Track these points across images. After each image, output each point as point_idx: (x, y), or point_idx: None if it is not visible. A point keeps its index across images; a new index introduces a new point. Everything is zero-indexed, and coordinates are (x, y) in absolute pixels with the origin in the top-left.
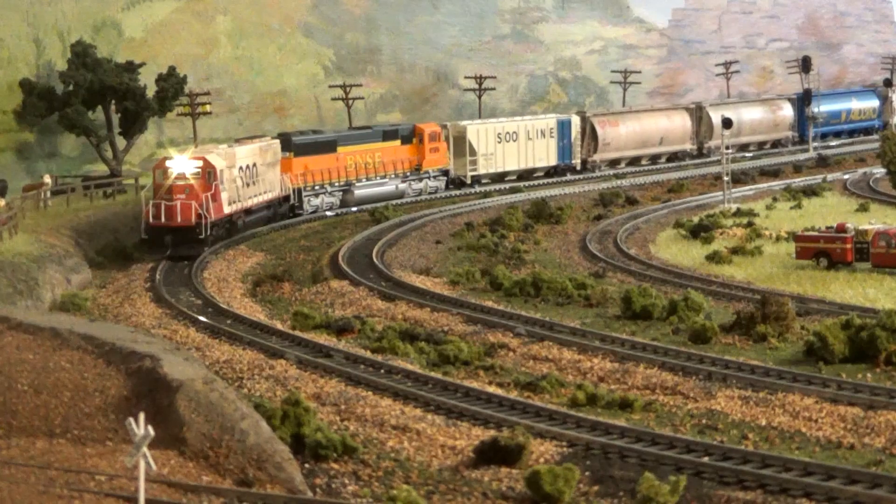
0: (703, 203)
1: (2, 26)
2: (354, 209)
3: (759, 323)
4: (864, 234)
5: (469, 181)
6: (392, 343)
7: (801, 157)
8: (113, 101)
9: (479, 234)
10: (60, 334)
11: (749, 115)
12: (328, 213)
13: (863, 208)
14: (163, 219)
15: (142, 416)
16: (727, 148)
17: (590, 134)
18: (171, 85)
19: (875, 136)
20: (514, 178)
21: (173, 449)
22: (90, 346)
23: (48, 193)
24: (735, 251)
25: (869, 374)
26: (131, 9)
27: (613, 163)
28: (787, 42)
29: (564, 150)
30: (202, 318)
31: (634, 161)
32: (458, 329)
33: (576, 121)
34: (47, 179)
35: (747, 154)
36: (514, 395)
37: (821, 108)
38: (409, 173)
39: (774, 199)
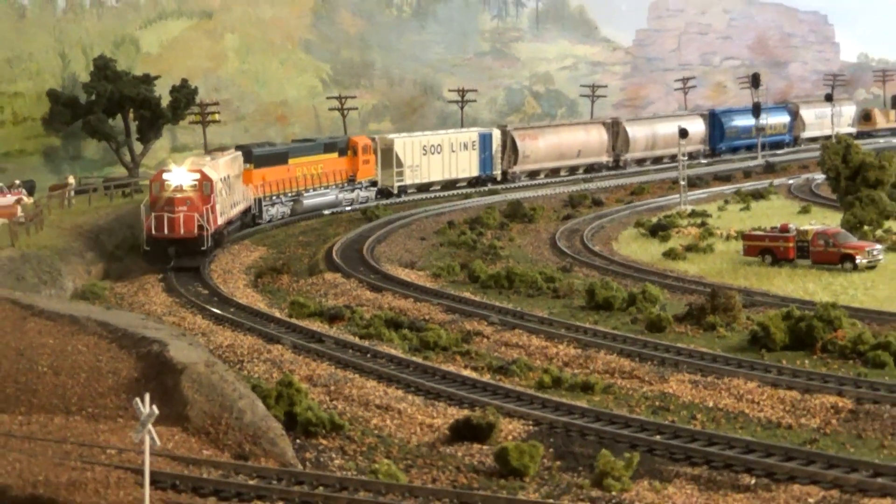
0: (662, 205)
1: (31, 42)
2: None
3: (709, 314)
4: (805, 234)
5: (396, 191)
6: (378, 330)
7: (751, 163)
8: (131, 110)
9: (459, 232)
10: (78, 321)
11: (663, 129)
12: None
13: (805, 210)
14: (165, 231)
15: (147, 396)
16: (684, 156)
17: (510, 147)
18: (184, 95)
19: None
20: (438, 188)
21: (178, 426)
22: (105, 332)
23: (72, 193)
24: (689, 248)
25: (807, 361)
26: (148, 27)
27: (533, 174)
28: (739, 60)
29: (486, 161)
30: (214, 310)
31: (553, 172)
32: (438, 318)
33: (497, 134)
34: (71, 180)
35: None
36: (486, 378)
37: (732, 123)
38: (345, 184)
39: (726, 202)
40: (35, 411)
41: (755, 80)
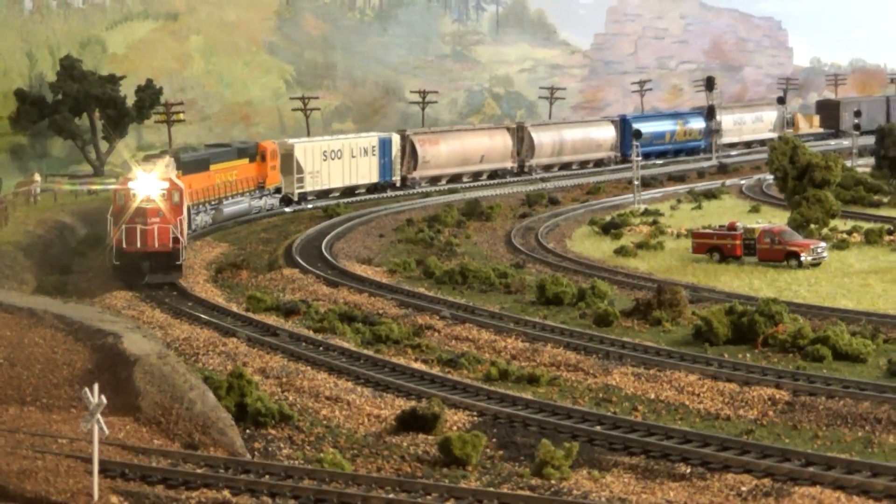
0: (617, 204)
1: (0, 43)
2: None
3: (656, 309)
4: (752, 232)
5: (296, 198)
6: (332, 324)
7: (705, 164)
8: (97, 109)
9: (418, 229)
10: (36, 314)
11: (571, 135)
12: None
13: (755, 209)
14: (138, 244)
15: (96, 387)
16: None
17: (410, 152)
18: (149, 95)
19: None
20: (338, 194)
21: (129, 416)
22: (62, 325)
23: (38, 189)
24: (640, 246)
25: (748, 355)
26: (114, 28)
27: (434, 180)
28: (694, 64)
29: (385, 167)
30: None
31: (455, 178)
32: (392, 312)
33: (396, 139)
34: (37, 177)
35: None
36: (436, 370)
37: (644, 129)
38: (255, 190)
39: (678, 201)
40: None
41: (710, 84)
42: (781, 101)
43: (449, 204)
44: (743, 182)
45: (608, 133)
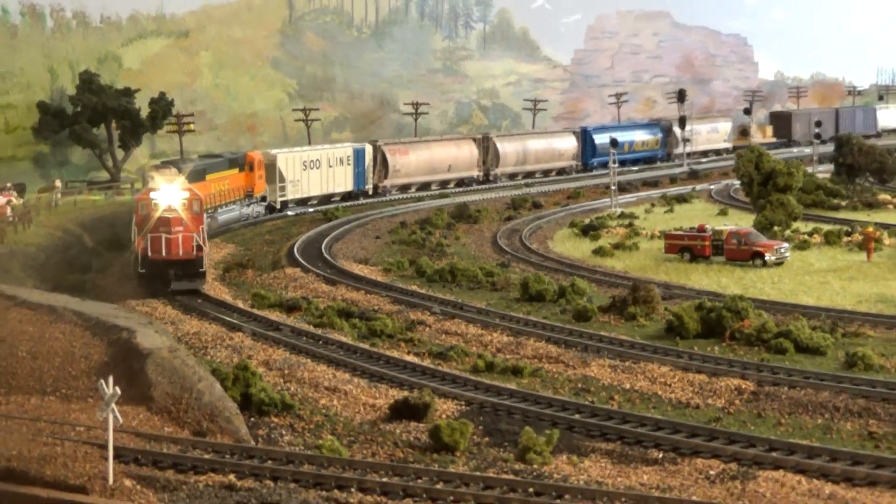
0: (595, 207)
1: (22, 58)
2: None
3: (631, 305)
4: (720, 234)
5: (279, 206)
6: (331, 319)
7: (677, 170)
8: (113, 120)
9: (411, 231)
10: (56, 310)
11: (535, 146)
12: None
13: (723, 213)
14: (163, 252)
15: (111, 378)
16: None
17: (381, 161)
18: (162, 107)
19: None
20: (316, 202)
21: (142, 405)
22: (80, 321)
23: (59, 194)
24: (617, 246)
25: (716, 348)
26: (129, 45)
27: (404, 188)
28: (667, 77)
29: (359, 176)
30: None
31: (424, 186)
32: (387, 308)
33: (369, 149)
34: (58, 183)
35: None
36: (427, 362)
37: (604, 139)
38: (245, 199)
39: (652, 205)
40: (14, 392)
41: (681, 96)
42: (747, 112)
43: (440, 208)
44: (712, 187)
45: (570, 143)
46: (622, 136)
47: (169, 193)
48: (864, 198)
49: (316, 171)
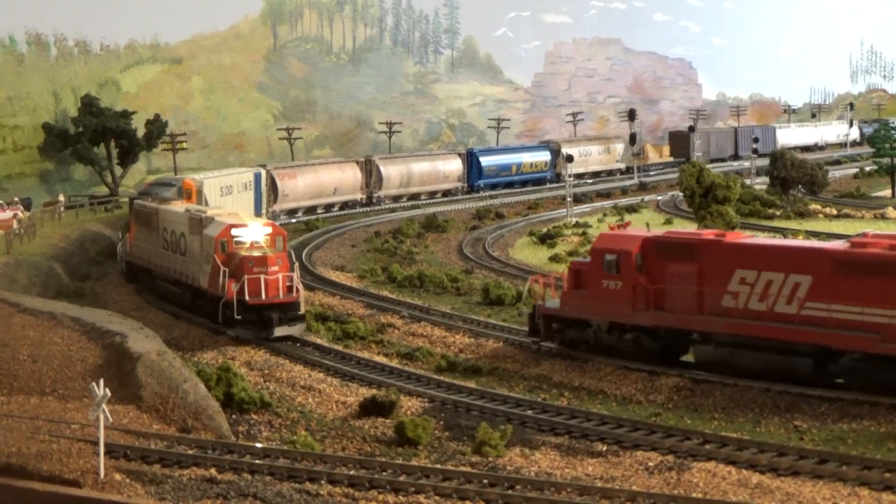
0: (553, 217)
1: (28, 83)
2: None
3: None
4: None
5: None
6: (308, 323)
7: (628, 183)
8: (112, 140)
9: (384, 240)
10: (56, 316)
11: (419, 168)
12: None
13: (669, 222)
14: (263, 295)
15: (101, 381)
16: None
17: (270, 185)
18: (157, 128)
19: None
20: None
21: (132, 404)
22: (77, 326)
23: (62, 208)
24: (571, 253)
25: None
26: (127, 71)
27: (292, 212)
28: (619, 98)
29: (258, 201)
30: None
31: (311, 210)
32: (360, 312)
33: (264, 174)
34: (62, 198)
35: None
36: (394, 362)
37: (490, 161)
38: None
39: (605, 215)
40: (15, 393)
41: (631, 115)
42: (692, 129)
43: (411, 218)
44: (659, 198)
45: (455, 165)
46: (510, 158)
47: (253, 229)
48: (797, 208)
49: (229, 196)
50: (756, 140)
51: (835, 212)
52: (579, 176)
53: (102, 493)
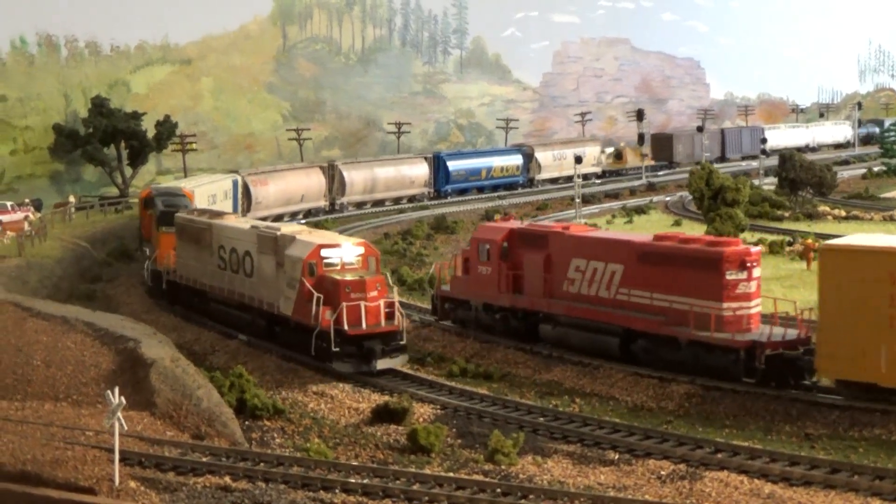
0: (562, 218)
1: (39, 84)
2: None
3: None
4: None
5: None
6: None
7: (636, 183)
8: (122, 141)
9: (393, 242)
10: (69, 321)
11: (384, 173)
12: None
13: (677, 223)
14: (364, 324)
15: (116, 389)
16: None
17: (244, 193)
18: (167, 129)
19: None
20: None
21: (146, 411)
22: (90, 331)
23: (73, 209)
24: None
25: None
26: (137, 72)
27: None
28: (627, 98)
29: (235, 210)
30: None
31: (279, 219)
32: None
33: (240, 181)
34: (72, 199)
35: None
36: (406, 368)
37: (458, 166)
38: None
39: (613, 216)
40: (29, 399)
41: (640, 115)
42: (700, 129)
43: (420, 219)
44: (668, 199)
45: (421, 170)
46: (480, 162)
47: (346, 249)
48: (806, 209)
49: (214, 205)
50: (764, 141)
51: (844, 213)
52: (553, 181)
53: (118, 501)
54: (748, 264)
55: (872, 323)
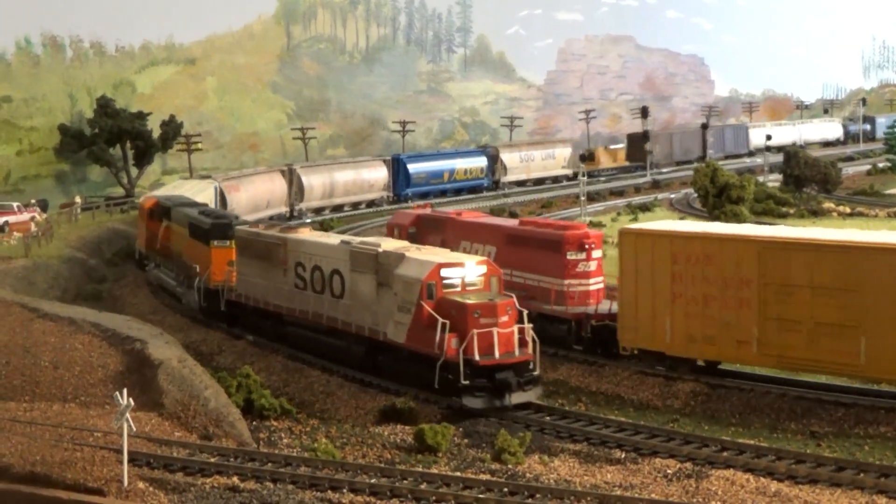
0: (566, 216)
1: (44, 85)
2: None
3: None
4: None
5: None
6: None
7: (641, 181)
8: (128, 141)
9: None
10: (76, 322)
11: (343, 177)
12: None
13: (682, 220)
14: (496, 353)
15: (125, 390)
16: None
17: (221, 200)
18: (171, 129)
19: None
20: None
21: (154, 411)
22: (97, 332)
23: (79, 210)
24: None
25: None
26: (142, 72)
27: None
28: (631, 95)
29: None
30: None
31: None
32: None
33: (218, 187)
34: (78, 199)
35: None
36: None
37: (418, 168)
38: None
39: (618, 213)
40: (37, 399)
41: (644, 112)
42: (705, 126)
43: None
44: (673, 196)
45: (380, 173)
46: (442, 165)
47: (469, 269)
48: (810, 206)
49: None
50: (769, 137)
51: (848, 210)
52: (520, 183)
53: (126, 502)
54: (587, 246)
55: (659, 298)
